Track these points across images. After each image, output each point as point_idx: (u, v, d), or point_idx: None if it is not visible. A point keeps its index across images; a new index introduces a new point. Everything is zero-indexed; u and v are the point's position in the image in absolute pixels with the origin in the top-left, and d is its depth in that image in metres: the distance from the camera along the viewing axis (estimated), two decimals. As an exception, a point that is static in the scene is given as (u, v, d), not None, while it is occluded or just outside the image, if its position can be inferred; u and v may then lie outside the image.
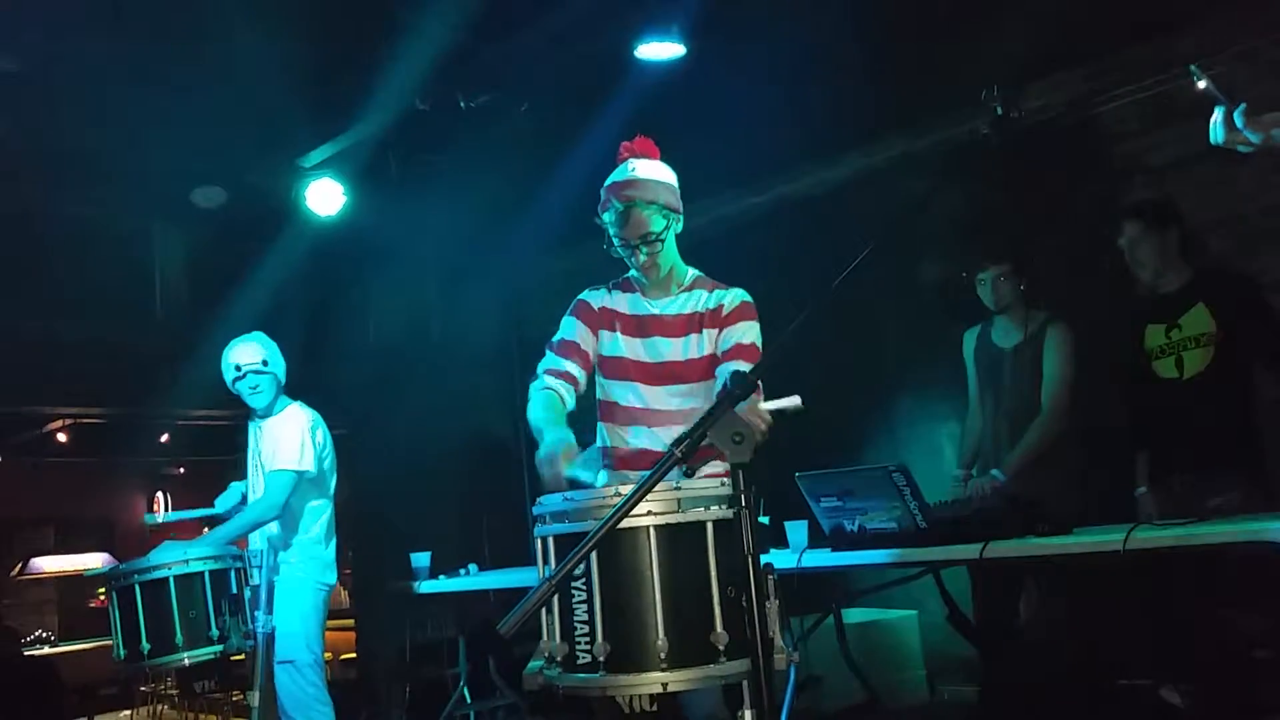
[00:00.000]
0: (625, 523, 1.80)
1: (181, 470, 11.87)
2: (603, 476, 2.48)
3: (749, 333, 2.76)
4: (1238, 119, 1.84)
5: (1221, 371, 3.54)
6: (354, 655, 7.12)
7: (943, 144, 4.96)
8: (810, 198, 5.52)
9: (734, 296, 2.81)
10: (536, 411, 2.69)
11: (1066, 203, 4.73)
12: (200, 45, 4.45)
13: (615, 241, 2.76)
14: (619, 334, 2.85)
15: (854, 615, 4.91)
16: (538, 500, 2.14)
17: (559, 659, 2.00)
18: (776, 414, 2.21)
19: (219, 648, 3.73)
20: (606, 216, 2.74)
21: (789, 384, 2.15)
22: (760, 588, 1.62)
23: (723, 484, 2.02)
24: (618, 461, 2.82)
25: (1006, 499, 3.55)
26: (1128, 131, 4.68)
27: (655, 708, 2.21)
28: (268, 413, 4.23)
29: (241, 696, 4.56)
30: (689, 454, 1.59)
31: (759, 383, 2.04)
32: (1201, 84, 1.89)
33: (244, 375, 4.16)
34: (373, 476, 6.18)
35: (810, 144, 5.20)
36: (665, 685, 1.91)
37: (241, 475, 4.49)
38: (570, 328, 2.88)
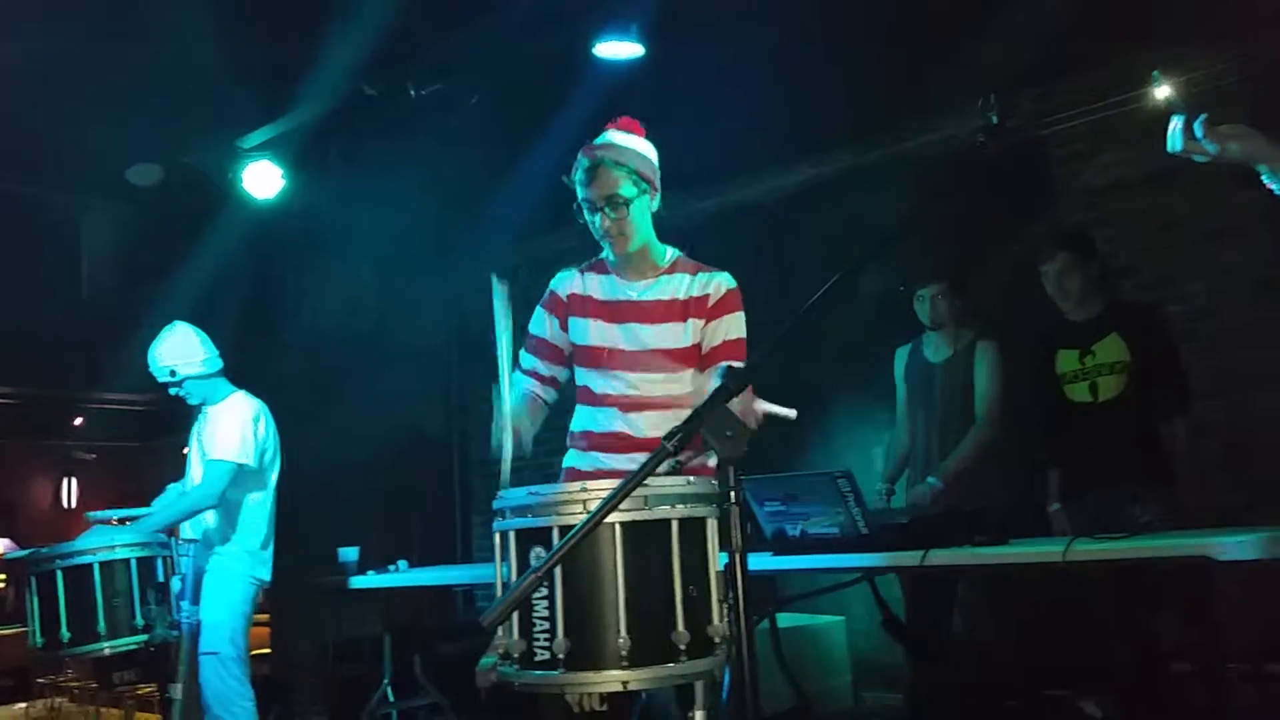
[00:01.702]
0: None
1: (94, 456, 11.49)
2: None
3: (736, 326, 2.67)
4: (1197, 129, 1.88)
5: (1135, 397, 3.74)
6: (267, 651, 6.96)
7: (893, 157, 5.05)
8: (759, 205, 5.56)
9: (720, 284, 2.69)
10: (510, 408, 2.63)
11: (1008, 221, 4.84)
12: (137, 17, 4.30)
13: (585, 207, 2.64)
14: (590, 319, 2.74)
15: (782, 620, 4.93)
16: (499, 494, 2.09)
17: (516, 655, 1.97)
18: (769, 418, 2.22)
19: (143, 637, 3.61)
20: (576, 176, 2.63)
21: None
22: (747, 586, 1.61)
23: (689, 482, 2.01)
24: (593, 444, 2.73)
25: (947, 507, 3.63)
26: (1071, 154, 4.82)
27: (605, 707, 2.18)
28: (210, 401, 4.15)
29: (150, 690, 4.43)
30: (681, 448, 1.57)
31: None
32: (1163, 92, 1.92)
33: (165, 386, 4.12)
34: (298, 468, 6.08)
35: (763, 152, 5.24)
36: (625, 684, 1.89)
37: (164, 462, 4.37)
38: (539, 321, 2.79)
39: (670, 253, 2.77)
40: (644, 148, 2.69)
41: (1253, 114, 4.09)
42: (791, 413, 2.15)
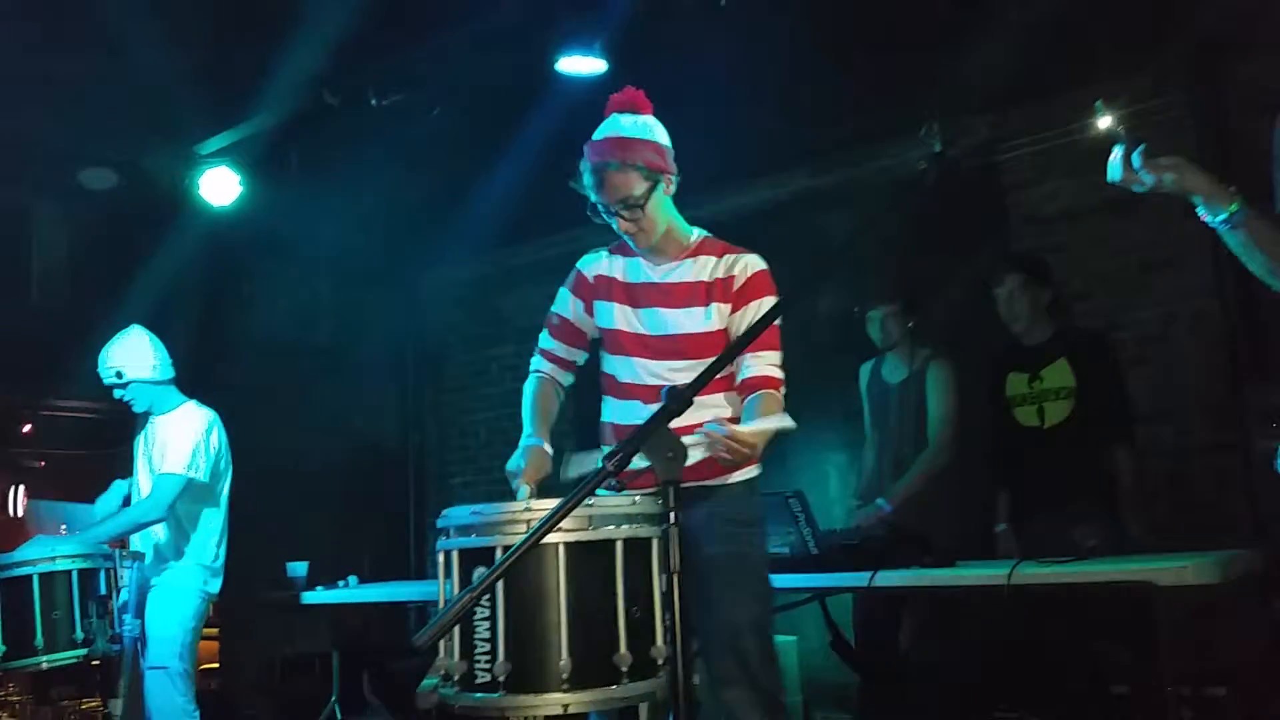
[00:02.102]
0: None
1: (43, 464, 11.26)
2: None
3: (762, 313, 2.43)
4: (1135, 159, 1.93)
5: (1080, 422, 3.78)
6: (215, 666, 6.86)
7: (851, 181, 5.10)
8: (718, 224, 5.57)
9: (746, 266, 2.52)
10: (524, 401, 2.60)
11: (962, 244, 4.89)
12: (94, 19, 4.25)
13: (600, 208, 2.51)
14: (615, 303, 2.61)
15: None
16: (442, 513, 2.08)
17: (456, 677, 1.95)
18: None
19: (83, 651, 3.51)
20: (584, 181, 2.49)
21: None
22: (684, 607, 1.60)
23: (634, 502, 2.01)
24: (614, 438, 2.60)
25: (895, 529, 3.65)
26: (1026, 180, 4.89)
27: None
28: (158, 411, 4.08)
29: (95, 704, 4.35)
30: (620, 469, 1.56)
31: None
32: (1105, 122, 1.96)
33: (111, 389, 4.05)
34: (249, 480, 6.03)
35: (721, 172, 5.25)
36: (566, 707, 1.88)
37: (114, 471, 4.30)
38: (563, 301, 2.68)
39: (696, 233, 2.62)
40: (650, 130, 2.53)
41: (1199, 145, 4.22)
42: (789, 423, 2.15)
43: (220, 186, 5.40)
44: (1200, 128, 4.32)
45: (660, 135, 2.55)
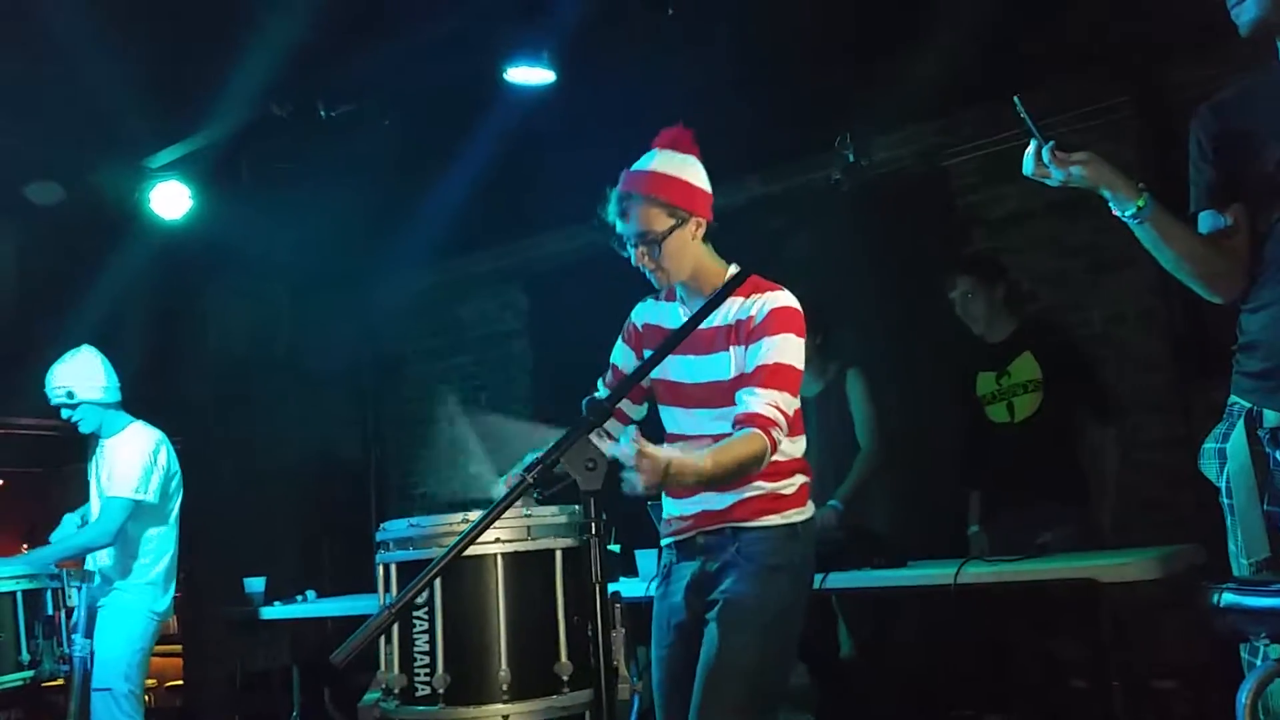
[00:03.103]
0: (472, 550, 1.77)
1: (1, 482, 11.11)
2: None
3: (771, 349, 2.30)
4: (1045, 154, 1.98)
5: (1049, 415, 3.79)
6: (180, 683, 6.80)
7: (802, 188, 5.13)
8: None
9: (764, 304, 2.35)
10: None
11: (912, 249, 4.94)
12: (39, 30, 4.20)
13: (624, 241, 2.42)
14: None
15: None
16: (381, 526, 2.08)
17: (396, 691, 1.95)
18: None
19: (29, 673, 3.46)
20: (609, 209, 2.40)
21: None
22: (607, 617, 1.61)
23: (574, 511, 2.01)
24: (668, 490, 2.46)
25: (848, 530, 3.68)
26: (972, 184, 4.94)
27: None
28: (106, 433, 4.06)
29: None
30: (541, 480, 1.56)
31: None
32: (1020, 117, 2.02)
33: (59, 408, 4.02)
34: (206, 494, 5.97)
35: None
36: (506, 717, 1.88)
37: (73, 488, 4.26)
38: (617, 352, 2.64)
39: (730, 273, 2.45)
40: (683, 170, 2.43)
41: (1139, 147, 4.28)
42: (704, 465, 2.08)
43: (171, 200, 5.35)
44: (1141, 130, 4.39)
45: (694, 176, 2.44)
